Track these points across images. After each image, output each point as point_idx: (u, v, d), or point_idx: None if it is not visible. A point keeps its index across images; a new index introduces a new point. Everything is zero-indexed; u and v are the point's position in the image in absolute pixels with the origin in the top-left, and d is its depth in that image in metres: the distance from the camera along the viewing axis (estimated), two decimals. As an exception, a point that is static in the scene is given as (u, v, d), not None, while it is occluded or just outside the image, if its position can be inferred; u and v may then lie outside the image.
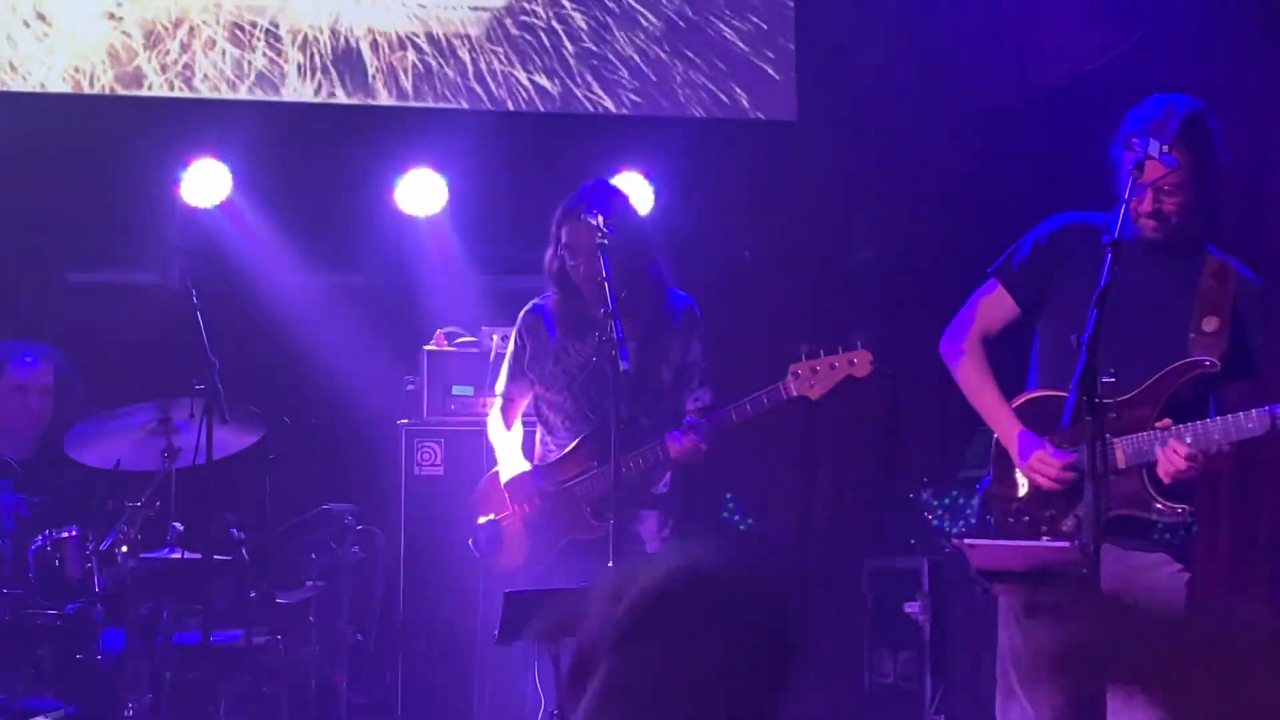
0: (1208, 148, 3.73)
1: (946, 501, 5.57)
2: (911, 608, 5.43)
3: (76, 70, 6.22)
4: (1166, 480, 3.54)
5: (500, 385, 4.97)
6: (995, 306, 3.93)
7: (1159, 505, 3.59)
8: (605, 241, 4.45)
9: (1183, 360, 3.66)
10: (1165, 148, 3.48)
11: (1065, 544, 3.54)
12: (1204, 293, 3.77)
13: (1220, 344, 3.66)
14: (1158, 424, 3.58)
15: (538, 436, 4.87)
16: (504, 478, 4.79)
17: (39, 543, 4.69)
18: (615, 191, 4.87)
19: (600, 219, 4.45)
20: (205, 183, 5.93)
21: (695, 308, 4.83)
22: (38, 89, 6.17)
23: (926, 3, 6.76)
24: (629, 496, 4.42)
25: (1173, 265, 3.80)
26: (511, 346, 4.95)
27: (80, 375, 5.47)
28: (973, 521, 4.10)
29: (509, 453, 4.86)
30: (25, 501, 4.90)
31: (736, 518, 6.31)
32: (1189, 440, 3.54)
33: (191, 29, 6.29)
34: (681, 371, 4.71)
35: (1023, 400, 3.85)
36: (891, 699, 5.53)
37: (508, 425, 4.91)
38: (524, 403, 4.93)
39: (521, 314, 4.91)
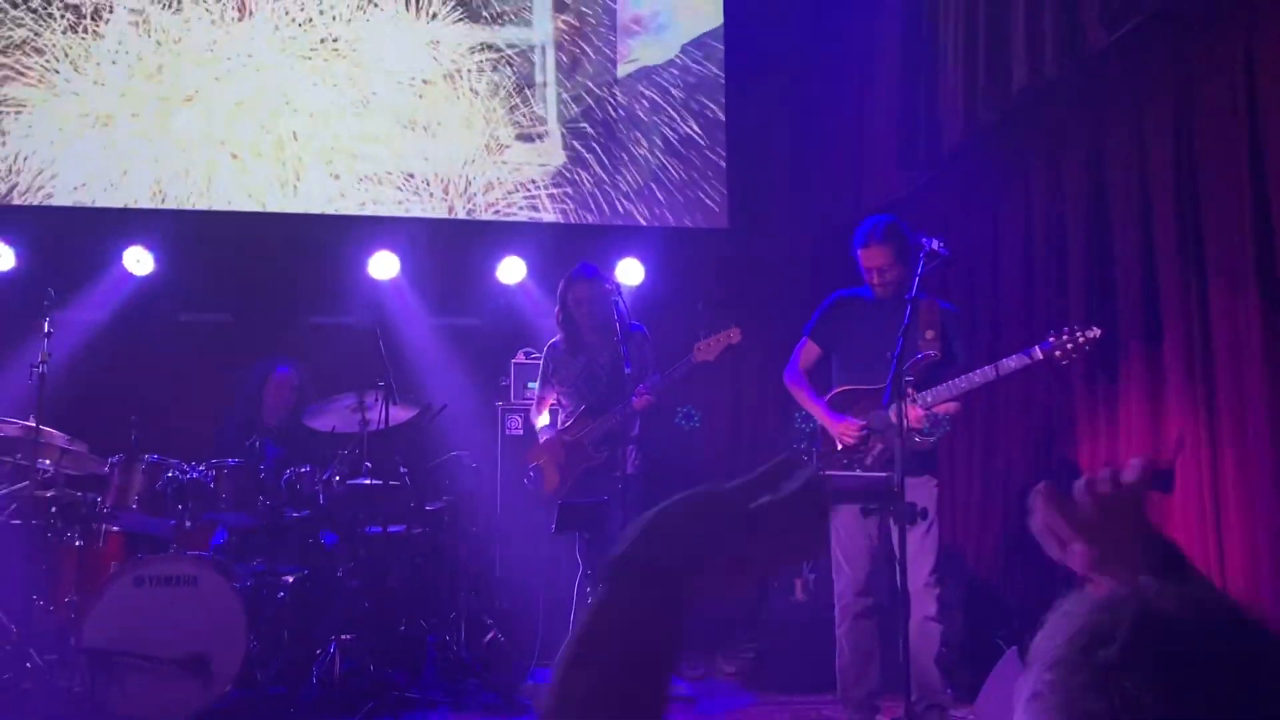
0: (905, 241, 4.19)
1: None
2: None
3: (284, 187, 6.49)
4: (915, 426, 3.90)
5: (536, 390, 5.43)
6: (808, 352, 4.40)
7: (918, 440, 3.93)
8: (615, 296, 4.92)
9: (916, 357, 4.02)
10: (938, 243, 3.84)
11: (884, 474, 3.89)
12: (923, 319, 4.11)
13: (935, 345, 4.09)
14: (909, 391, 3.83)
15: (559, 418, 5.26)
16: (546, 445, 5.23)
17: (288, 476, 5.07)
18: (600, 270, 5.34)
19: (608, 284, 5.06)
20: (383, 264, 6.36)
21: (646, 332, 5.22)
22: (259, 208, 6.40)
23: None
24: (615, 438, 4.90)
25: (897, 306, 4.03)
26: (541, 368, 5.34)
27: (312, 377, 5.82)
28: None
29: (543, 430, 5.28)
30: (281, 451, 5.36)
31: (688, 421, 6.28)
32: (925, 400, 3.98)
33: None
34: (640, 367, 5.02)
35: (833, 394, 4.25)
36: (793, 623, 5.50)
37: (539, 411, 5.35)
38: (550, 399, 5.31)
39: (545, 347, 5.40)
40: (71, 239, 6.30)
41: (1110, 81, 4.59)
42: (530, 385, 6.11)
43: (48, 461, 4.99)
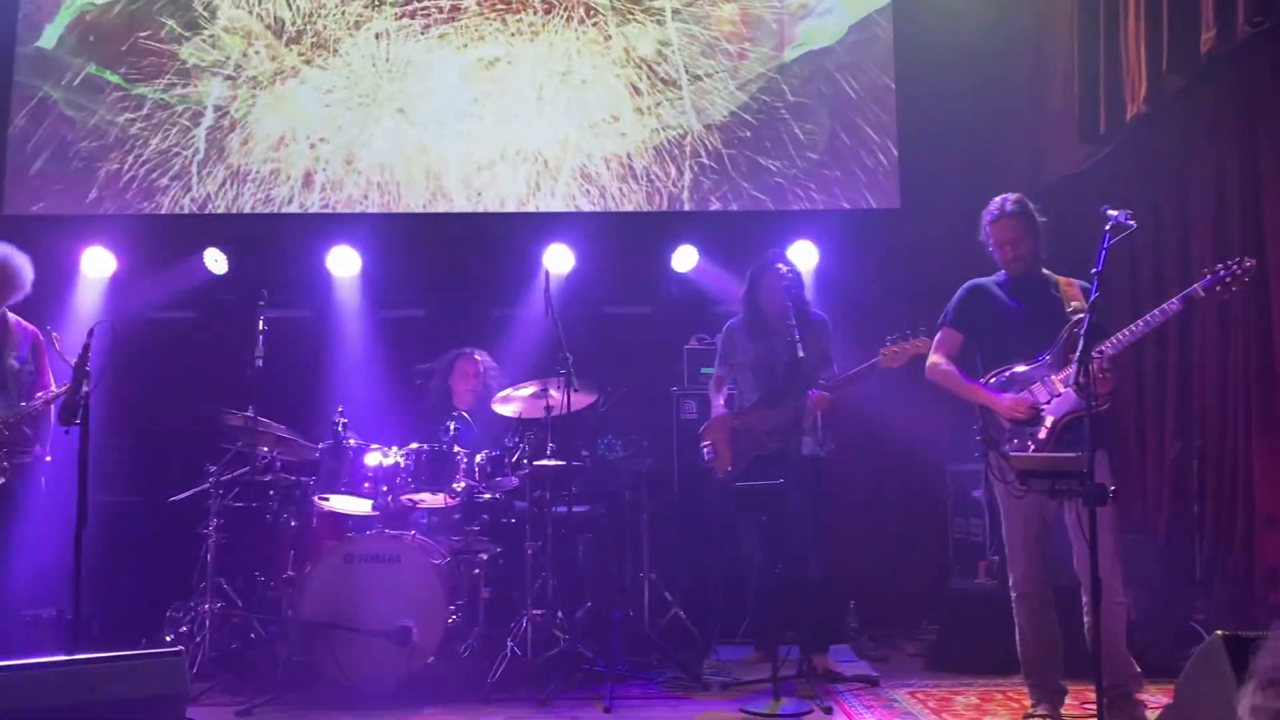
0: (1034, 216, 4.05)
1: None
2: (977, 493, 5.55)
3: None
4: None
5: (715, 371, 5.37)
6: (950, 340, 4.20)
7: (1094, 404, 3.54)
8: (786, 281, 4.91)
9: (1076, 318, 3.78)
10: (1123, 215, 3.56)
11: (1072, 454, 3.56)
12: (1065, 293, 3.98)
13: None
14: (1070, 357, 3.63)
15: (735, 398, 5.24)
16: (716, 422, 5.19)
17: (479, 458, 5.14)
18: (786, 256, 5.25)
19: (784, 269, 4.95)
20: (558, 256, 6.38)
21: (827, 321, 5.17)
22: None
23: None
24: (789, 429, 4.81)
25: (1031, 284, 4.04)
26: (720, 348, 5.30)
27: (497, 365, 5.88)
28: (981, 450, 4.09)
29: (718, 407, 5.24)
30: (472, 435, 5.41)
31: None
32: (1109, 349, 3.65)
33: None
34: (819, 358, 5.01)
35: (991, 377, 4.04)
36: (964, 547, 5.66)
37: (717, 392, 5.30)
38: (726, 380, 5.27)
39: (724, 328, 5.34)
40: (280, 244, 6.65)
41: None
42: (705, 370, 6.15)
43: (265, 449, 5.23)
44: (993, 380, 4.04)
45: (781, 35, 6.71)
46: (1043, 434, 3.87)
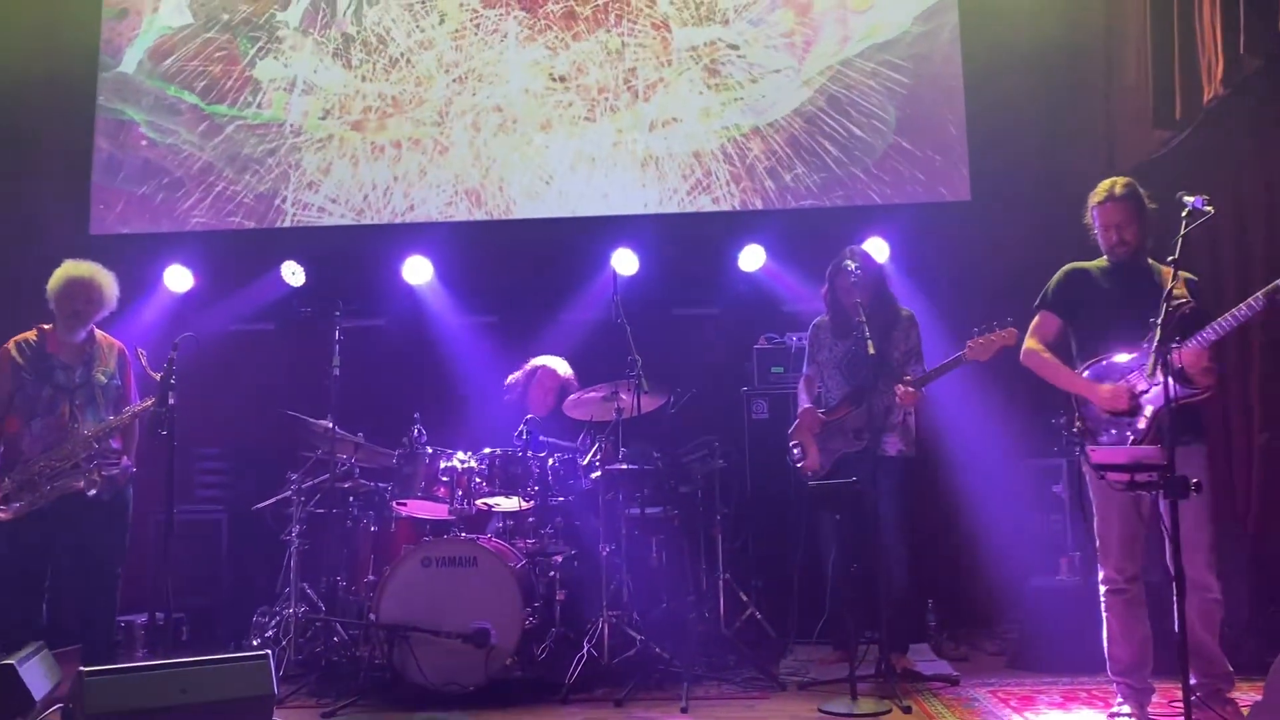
0: (1143, 200, 3.92)
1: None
2: (1057, 488, 5.44)
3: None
4: (1194, 373, 3.59)
5: (804, 370, 5.28)
6: (1046, 324, 4.07)
7: (1192, 393, 3.58)
8: (855, 279, 4.81)
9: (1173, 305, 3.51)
10: (1200, 200, 3.47)
11: (1153, 447, 3.46)
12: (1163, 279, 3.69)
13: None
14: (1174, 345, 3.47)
15: (822, 396, 5.11)
16: (804, 417, 5.06)
17: (552, 462, 5.18)
18: (864, 251, 5.14)
19: (854, 266, 4.83)
20: (626, 259, 6.35)
21: (914, 316, 5.07)
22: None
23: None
24: (876, 425, 4.73)
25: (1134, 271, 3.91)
26: (808, 348, 5.25)
27: (569, 370, 5.85)
28: (1076, 442, 3.96)
29: (805, 403, 5.11)
30: (545, 439, 5.32)
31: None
32: (1204, 338, 3.56)
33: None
34: (905, 354, 4.96)
35: (1082, 368, 3.92)
36: (1044, 544, 5.48)
37: (809, 391, 5.16)
38: (816, 379, 5.17)
39: (811, 326, 5.28)
40: (355, 255, 6.73)
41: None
42: (775, 369, 6.14)
43: (344, 456, 5.31)
44: (1089, 369, 3.91)
45: (845, 30, 6.62)
46: (1142, 424, 3.72)
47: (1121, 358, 3.83)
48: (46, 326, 4.78)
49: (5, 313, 5.78)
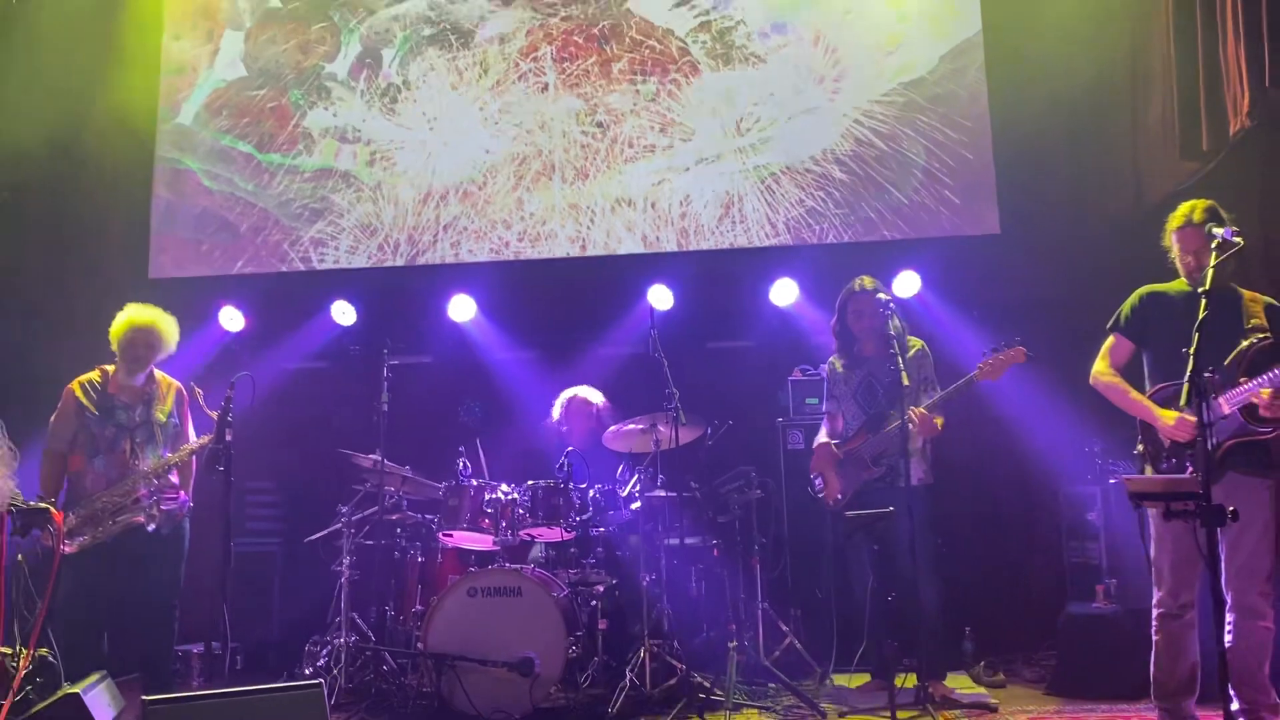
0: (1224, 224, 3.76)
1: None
2: (1092, 515, 5.36)
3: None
4: (1265, 412, 3.53)
5: (824, 405, 5.33)
6: (1119, 349, 4.02)
7: (1259, 430, 3.54)
8: (887, 310, 4.77)
9: (1248, 340, 3.65)
10: (1229, 232, 3.54)
11: (1186, 475, 3.51)
12: (1246, 309, 3.80)
13: (1262, 334, 3.67)
14: (1241, 379, 3.58)
15: (844, 428, 5.11)
16: (819, 451, 5.13)
17: (595, 493, 5.23)
18: (870, 283, 5.08)
19: (881, 295, 4.88)
20: (661, 295, 6.35)
21: (927, 347, 5.06)
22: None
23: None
24: (896, 450, 4.67)
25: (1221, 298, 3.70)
26: (825, 385, 5.28)
27: (608, 403, 5.91)
28: (1134, 467, 3.93)
29: (822, 438, 5.15)
30: (586, 471, 5.32)
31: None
32: (1271, 377, 3.51)
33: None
34: (920, 383, 4.93)
35: (1152, 392, 3.87)
36: (1080, 571, 5.43)
37: (830, 426, 5.19)
38: (836, 414, 5.17)
39: (825, 366, 5.32)
40: (402, 295, 6.83)
41: None
42: (809, 400, 6.11)
43: (392, 489, 5.39)
44: (1158, 395, 3.85)
45: (875, 69, 6.66)
46: (1194, 452, 3.62)
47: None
48: (109, 368, 4.87)
49: (66, 347, 5.90)
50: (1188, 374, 3.26)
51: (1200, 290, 3.38)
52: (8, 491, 4.04)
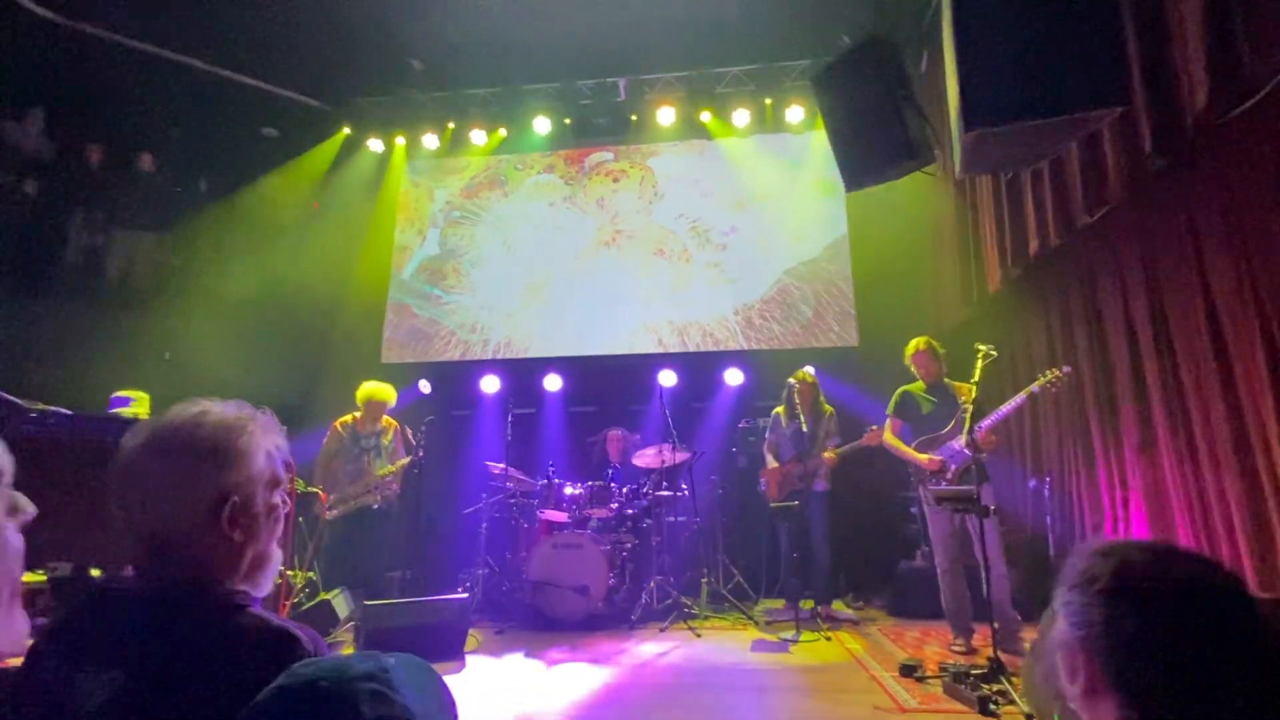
0: (936, 353, 3.90)
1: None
2: (914, 509, 5.09)
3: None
4: (983, 446, 3.49)
5: (768, 436, 5.06)
6: (893, 424, 4.01)
7: (978, 455, 3.44)
8: (820, 391, 4.74)
9: (963, 408, 3.56)
10: (989, 347, 3.56)
11: (967, 487, 3.41)
12: (957, 391, 3.78)
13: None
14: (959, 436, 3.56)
15: (780, 454, 4.91)
16: (768, 471, 4.90)
17: (626, 490, 4.93)
18: (807, 373, 4.94)
19: (808, 380, 4.78)
20: (666, 376, 5.91)
21: (834, 413, 4.86)
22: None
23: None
24: (810, 474, 4.63)
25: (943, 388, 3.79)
26: (771, 427, 5.04)
27: (636, 437, 5.65)
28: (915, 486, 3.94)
29: (771, 463, 4.92)
30: (620, 476, 5.20)
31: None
32: (984, 425, 3.52)
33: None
34: (827, 433, 4.77)
35: (915, 444, 3.86)
36: (907, 540, 5.15)
37: (773, 453, 4.96)
38: (775, 444, 4.97)
39: (772, 414, 4.98)
40: (519, 371, 6.66)
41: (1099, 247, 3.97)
42: (750, 438, 5.89)
43: (510, 484, 5.31)
44: (918, 445, 3.88)
45: (786, 252, 6.55)
46: (949, 477, 3.76)
47: (933, 438, 3.81)
48: (357, 414, 4.77)
49: (335, 398, 5.73)
50: (964, 427, 3.37)
51: (973, 380, 3.42)
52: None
